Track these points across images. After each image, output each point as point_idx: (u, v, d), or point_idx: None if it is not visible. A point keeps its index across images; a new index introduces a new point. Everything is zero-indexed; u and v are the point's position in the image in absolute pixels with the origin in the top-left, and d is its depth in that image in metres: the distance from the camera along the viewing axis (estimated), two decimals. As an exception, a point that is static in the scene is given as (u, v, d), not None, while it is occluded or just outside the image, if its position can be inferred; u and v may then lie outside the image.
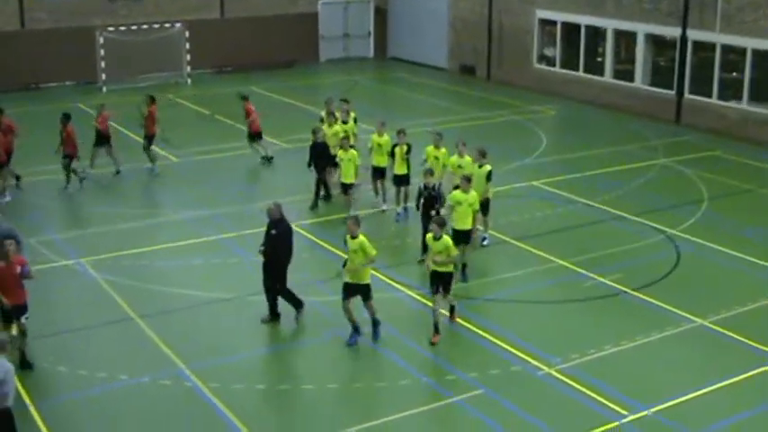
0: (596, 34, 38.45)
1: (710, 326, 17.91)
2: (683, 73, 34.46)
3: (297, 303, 18.10)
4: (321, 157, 24.28)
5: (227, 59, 45.09)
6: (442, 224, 16.94)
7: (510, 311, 18.81)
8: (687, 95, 34.44)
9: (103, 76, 41.06)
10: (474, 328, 17.81)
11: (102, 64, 41.03)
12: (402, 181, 23.50)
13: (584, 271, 20.51)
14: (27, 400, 15.13)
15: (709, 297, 19.22)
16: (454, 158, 21.99)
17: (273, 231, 17.76)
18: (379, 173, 24.22)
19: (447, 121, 34.71)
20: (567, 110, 37.35)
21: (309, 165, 24.43)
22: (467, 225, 19.39)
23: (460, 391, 15.51)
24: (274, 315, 18.07)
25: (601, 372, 16.09)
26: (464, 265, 19.71)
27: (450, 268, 17.22)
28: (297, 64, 46.64)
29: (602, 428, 14.39)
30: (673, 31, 34.69)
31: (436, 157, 22.49)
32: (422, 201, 20.43)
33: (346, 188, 23.48)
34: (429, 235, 17.06)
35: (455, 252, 17.15)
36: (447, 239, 16.95)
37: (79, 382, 15.68)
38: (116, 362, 16.49)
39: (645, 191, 26.47)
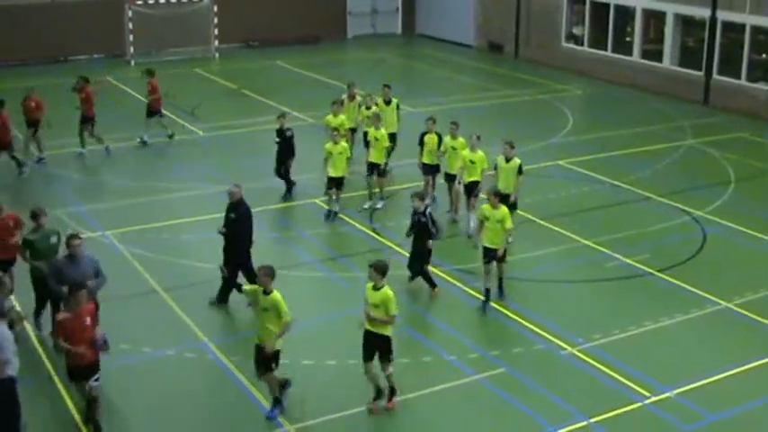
0: (625, 13, 38.12)
1: (735, 308, 17.80)
2: (712, 54, 34.13)
3: (225, 295, 17.78)
4: (283, 146, 23.64)
5: (255, 34, 45.08)
6: (383, 271, 13.86)
7: (533, 291, 18.77)
8: (716, 76, 34.12)
9: (131, 50, 41.19)
10: (497, 307, 17.78)
11: (131, 37, 41.15)
12: (431, 170, 22.34)
13: (608, 251, 20.42)
14: (51, 371, 15.27)
15: (734, 279, 19.10)
16: (466, 153, 20.98)
17: (232, 215, 17.51)
18: (373, 169, 22.78)
19: (473, 99, 34.62)
20: (594, 89, 37.11)
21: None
22: (497, 243, 17.53)
23: (483, 369, 15.52)
24: (224, 296, 17.82)
25: (624, 353, 16.04)
26: (500, 279, 18.09)
27: (388, 331, 14.01)
28: (324, 40, 46.54)
29: (625, 409, 14.36)
30: (702, 12, 34.34)
31: (453, 148, 21.57)
32: (413, 229, 18.07)
33: (333, 183, 21.96)
34: (369, 284, 13.97)
35: (395, 311, 13.89)
36: (388, 292, 13.78)
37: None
38: (140, 334, 16.62)
39: (671, 172, 26.30)
